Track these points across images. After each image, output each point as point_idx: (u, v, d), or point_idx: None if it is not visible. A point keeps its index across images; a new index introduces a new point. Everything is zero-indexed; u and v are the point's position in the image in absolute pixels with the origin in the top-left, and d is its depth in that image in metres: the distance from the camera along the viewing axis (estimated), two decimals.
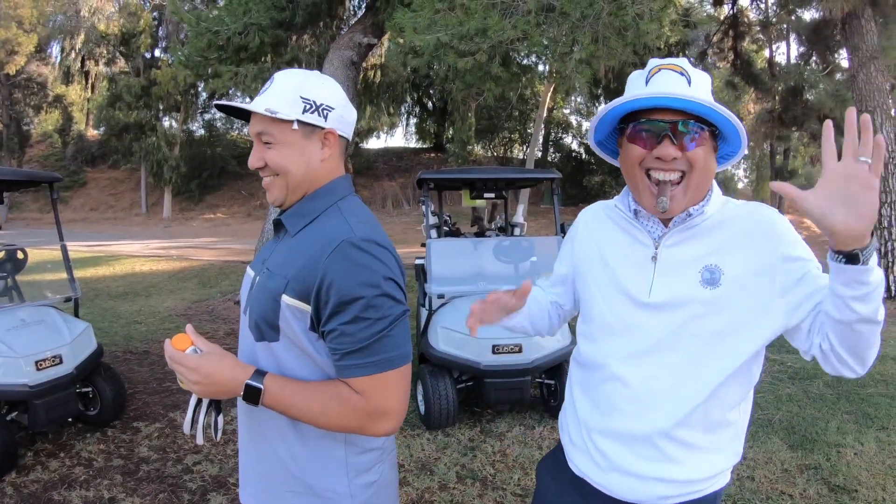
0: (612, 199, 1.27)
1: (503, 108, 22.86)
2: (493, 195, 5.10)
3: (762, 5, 14.82)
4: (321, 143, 1.14)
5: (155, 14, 25.13)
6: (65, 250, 4.13)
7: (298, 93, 1.10)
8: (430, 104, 27.97)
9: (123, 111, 23.19)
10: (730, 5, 14.10)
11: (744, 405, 1.16)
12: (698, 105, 1.04)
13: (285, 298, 1.06)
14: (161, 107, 24.16)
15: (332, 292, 1.01)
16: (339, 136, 1.17)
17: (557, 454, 1.35)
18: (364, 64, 10.54)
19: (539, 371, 3.79)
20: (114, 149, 25.32)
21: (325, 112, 1.13)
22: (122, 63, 25.79)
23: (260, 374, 1.04)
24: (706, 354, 1.09)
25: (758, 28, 14.98)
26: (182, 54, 8.30)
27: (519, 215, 6.87)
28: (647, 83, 1.11)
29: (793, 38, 16.45)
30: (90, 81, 29.45)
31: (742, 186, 31.71)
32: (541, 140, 22.96)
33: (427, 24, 5.78)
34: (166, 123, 25.18)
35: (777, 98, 15.01)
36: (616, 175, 20.60)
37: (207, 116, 27.47)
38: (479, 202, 5.61)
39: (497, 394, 3.68)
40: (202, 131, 27.60)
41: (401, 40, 7.37)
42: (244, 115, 1.18)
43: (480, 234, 6.80)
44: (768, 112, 15.43)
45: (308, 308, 1.04)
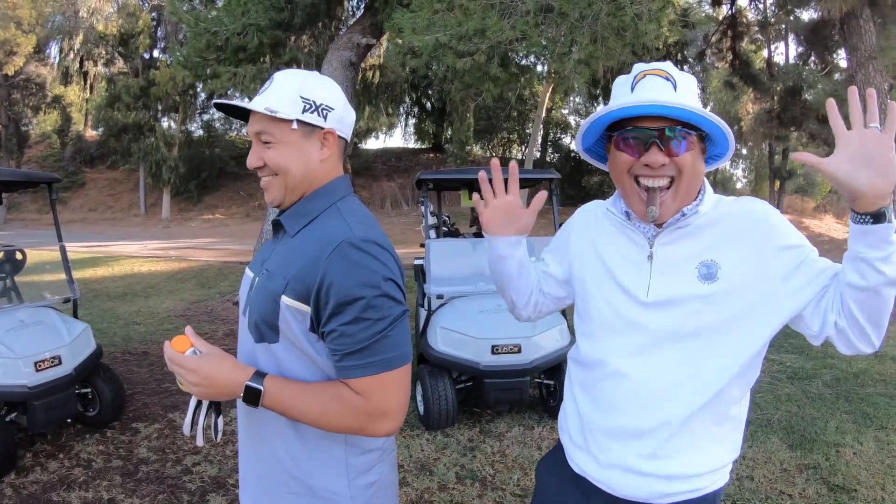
0: (608, 199, 1.27)
1: (502, 109, 22.85)
2: None
3: (761, 5, 14.86)
4: (320, 143, 1.14)
5: (153, 15, 25.10)
6: (63, 251, 4.13)
7: (298, 93, 1.10)
8: (428, 104, 27.96)
9: (122, 112, 23.14)
10: (728, 5, 14.12)
11: (744, 400, 1.17)
12: (685, 112, 1.05)
13: (285, 299, 1.06)
14: (160, 107, 24.10)
15: (331, 293, 1.01)
16: (339, 136, 1.17)
17: (557, 454, 1.35)
18: (363, 64, 10.54)
19: (538, 371, 3.80)
20: (112, 149, 25.25)
21: (325, 112, 1.13)
22: (120, 64, 25.73)
23: (260, 375, 1.04)
24: (710, 349, 1.10)
25: (756, 28, 15.00)
26: (181, 55, 8.29)
27: None
28: (632, 90, 1.11)
29: (791, 38, 16.47)
30: (89, 82, 29.40)
31: (741, 186, 31.73)
32: (539, 140, 22.99)
33: (426, 25, 5.78)
34: (165, 124, 25.13)
35: (776, 98, 15.04)
36: None
37: (206, 117, 27.44)
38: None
39: (496, 394, 3.69)
40: (201, 132, 27.56)
41: (399, 41, 7.38)
42: (243, 115, 1.18)
43: (479, 234, 6.79)
44: (767, 112, 15.47)
45: (308, 309, 1.04)
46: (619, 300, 1.17)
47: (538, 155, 22.86)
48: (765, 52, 17.32)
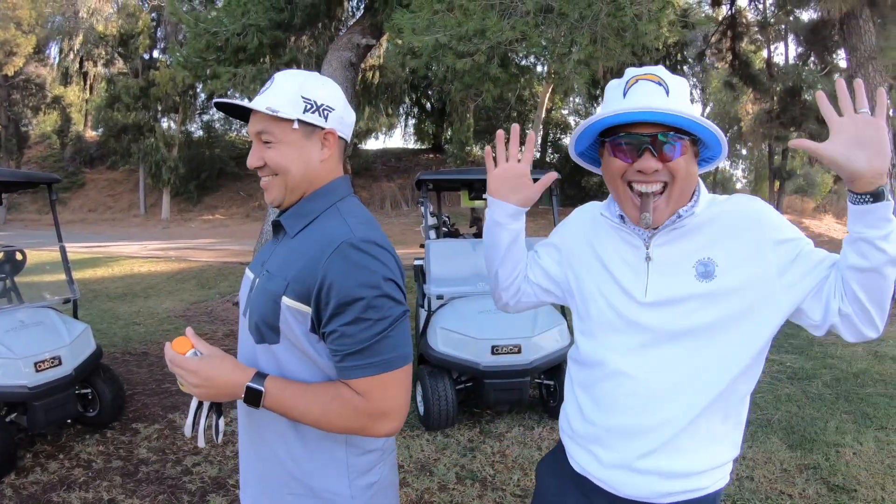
0: (604, 202, 1.27)
1: (502, 109, 22.85)
2: None
3: (760, 6, 14.86)
4: (321, 143, 1.14)
5: (153, 15, 25.11)
6: (63, 251, 4.13)
7: (299, 93, 1.11)
8: (428, 105, 27.96)
9: (122, 112, 23.16)
10: (728, 6, 14.13)
11: (746, 398, 1.18)
12: (678, 118, 1.05)
13: (285, 300, 1.06)
14: (159, 108, 24.12)
15: (332, 294, 1.01)
16: (339, 137, 1.17)
17: (557, 454, 1.35)
18: (362, 65, 10.54)
19: (538, 372, 3.80)
20: (112, 150, 25.26)
21: (326, 112, 1.13)
22: (120, 64, 25.74)
23: (260, 376, 1.04)
24: (711, 348, 1.10)
25: (756, 28, 15.01)
26: (180, 55, 8.30)
27: None
28: (624, 95, 1.11)
29: (791, 38, 16.47)
30: (88, 82, 29.41)
31: (741, 187, 31.77)
32: (539, 141, 22.99)
33: (426, 25, 5.79)
34: (165, 124, 25.15)
35: (775, 98, 15.05)
36: None
37: (206, 117, 27.48)
38: (477, 203, 5.61)
39: (496, 394, 3.69)
40: (200, 132, 27.59)
41: (399, 41, 7.38)
42: (243, 115, 1.18)
43: (479, 234, 6.80)
44: (767, 112, 15.48)
45: (308, 310, 1.04)
46: (619, 300, 1.17)
47: (538, 155, 22.89)
48: (764, 53, 17.33)
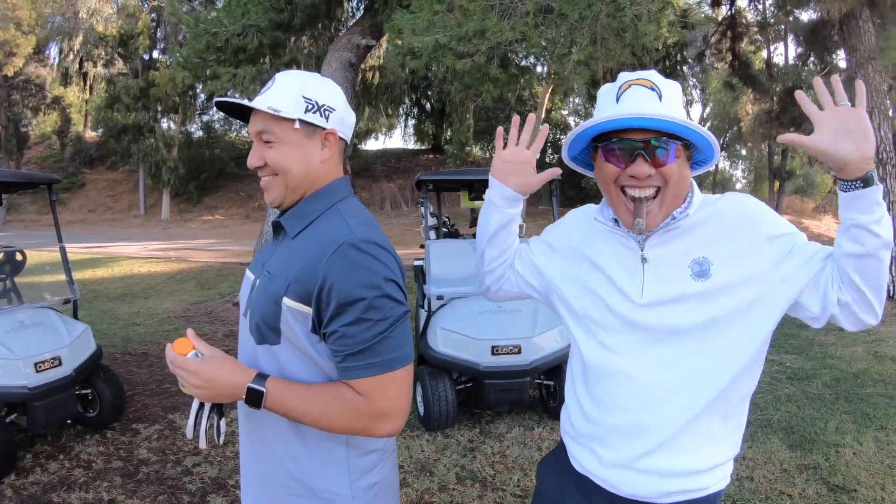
0: (597, 206, 1.28)
1: (501, 110, 22.81)
2: None
3: (760, 6, 14.86)
4: (322, 143, 1.15)
5: (153, 16, 25.11)
6: (63, 252, 4.13)
7: (300, 93, 1.11)
8: (428, 105, 27.96)
9: (122, 113, 23.15)
10: (728, 6, 14.12)
11: (747, 398, 1.18)
12: (670, 124, 1.05)
13: (286, 301, 1.06)
14: (159, 108, 24.10)
15: (333, 294, 1.01)
16: (340, 137, 1.17)
17: (558, 454, 1.35)
18: (362, 65, 10.54)
19: (538, 372, 3.80)
20: (112, 150, 25.27)
21: (327, 113, 1.13)
22: (120, 65, 25.72)
23: (261, 377, 1.04)
24: (710, 347, 1.10)
25: (756, 29, 15.01)
26: (180, 56, 8.30)
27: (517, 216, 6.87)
28: (617, 100, 1.12)
29: (791, 38, 16.48)
30: (88, 83, 29.41)
31: (740, 187, 31.78)
32: None
33: (425, 26, 5.79)
34: (164, 125, 25.12)
35: (775, 99, 15.05)
36: None
37: (206, 118, 27.48)
38: (477, 203, 5.61)
39: (496, 395, 3.69)
40: (200, 133, 27.58)
41: (399, 42, 7.39)
42: (243, 115, 1.18)
43: None
44: (766, 113, 15.48)
45: (309, 310, 1.04)
46: (616, 301, 1.17)
47: (538, 156, 22.85)
48: (764, 53, 17.34)
